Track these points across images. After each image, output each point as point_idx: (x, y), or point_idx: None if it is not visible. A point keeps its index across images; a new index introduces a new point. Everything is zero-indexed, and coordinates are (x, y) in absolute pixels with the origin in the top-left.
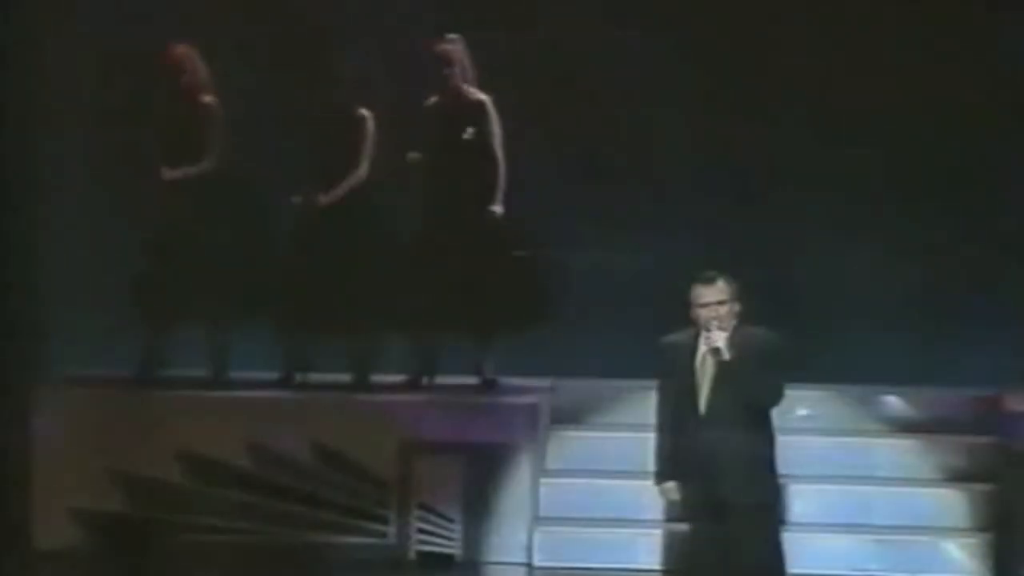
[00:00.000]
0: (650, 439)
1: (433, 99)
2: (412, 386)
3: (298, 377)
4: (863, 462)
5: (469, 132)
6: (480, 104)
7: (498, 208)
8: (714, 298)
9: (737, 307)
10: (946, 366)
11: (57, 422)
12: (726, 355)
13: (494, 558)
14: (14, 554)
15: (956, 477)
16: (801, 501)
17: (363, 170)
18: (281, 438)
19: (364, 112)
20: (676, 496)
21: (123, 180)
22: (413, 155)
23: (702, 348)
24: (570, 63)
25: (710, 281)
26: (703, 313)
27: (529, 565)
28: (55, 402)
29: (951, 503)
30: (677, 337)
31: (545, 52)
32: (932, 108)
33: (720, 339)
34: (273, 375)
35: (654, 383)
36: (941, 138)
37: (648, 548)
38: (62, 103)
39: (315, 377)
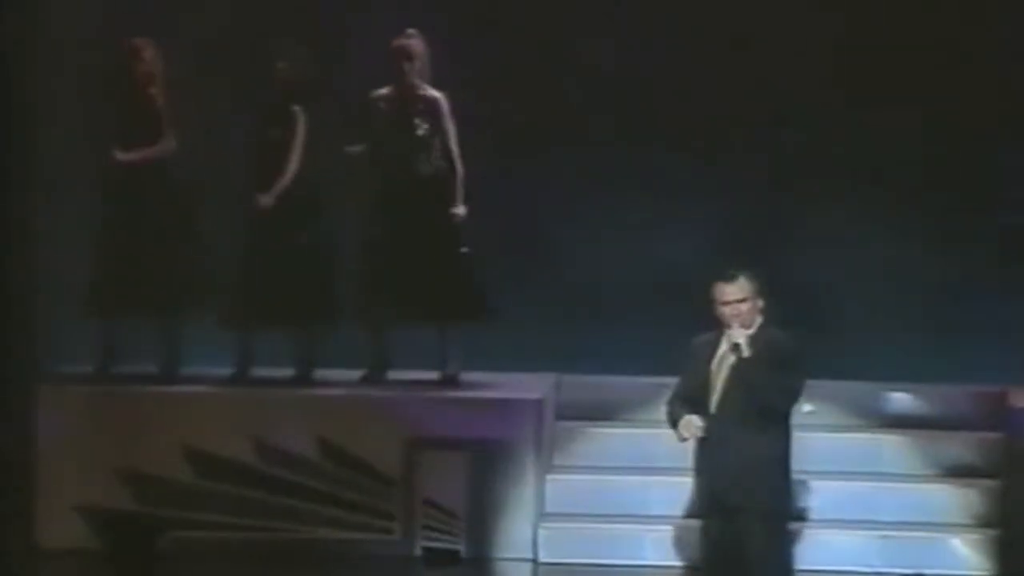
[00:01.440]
0: (655, 435)
1: (383, 91)
2: (370, 380)
3: (297, 373)
4: (869, 458)
5: (422, 128)
6: (434, 100)
7: (460, 210)
8: (735, 296)
9: (760, 304)
10: (953, 362)
11: (62, 420)
12: (746, 352)
13: (500, 554)
14: (19, 552)
15: (962, 473)
16: (807, 497)
17: (294, 165)
18: (287, 435)
19: (296, 108)
20: (696, 428)
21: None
22: (353, 148)
23: (722, 347)
24: (579, 58)
25: (732, 279)
26: (725, 311)
27: (534, 561)
28: (60, 400)
29: (957, 499)
30: (705, 337)
31: (555, 48)
32: (942, 106)
33: (741, 336)
34: (277, 372)
35: (660, 379)
36: (952, 136)
37: (654, 544)
38: (62, 99)
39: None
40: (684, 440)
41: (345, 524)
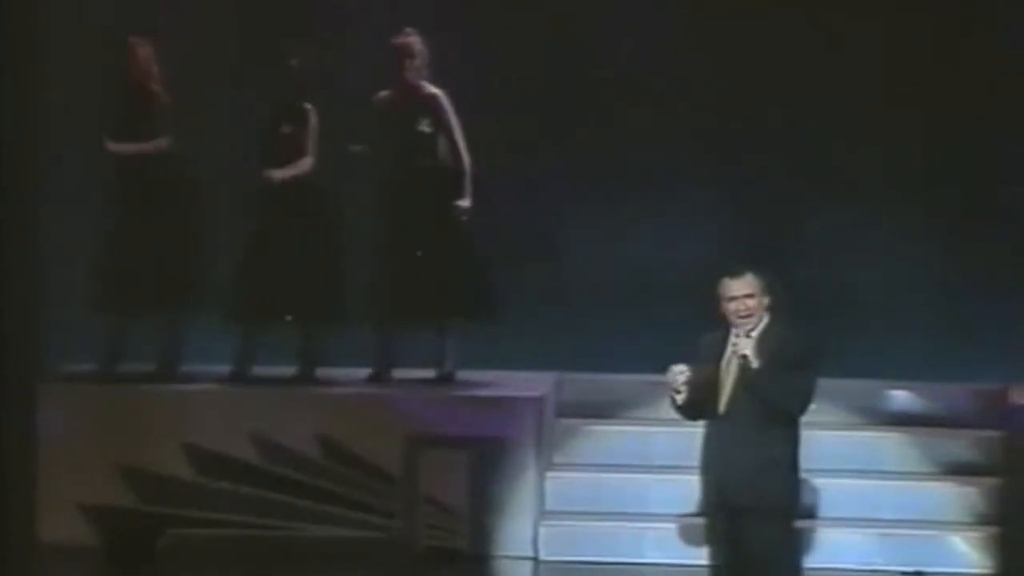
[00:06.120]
0: (656, 433)
1: (385, 92)
2: (376, 380)
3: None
4: (870, 456)
5: (425, 125)
6: (433, 97)
7: (465, 202)
8: (742, 291)
9: (767, 301)
10: (953, 360)
11: (64, 418)
12: (754, 363)
13: (500, 552)
14: (20, 549)
15: (963, 471)
16: (811, 495)
17: (309, 160)
18: (288, 432)
19: (308, 106)
20: (682, 376)
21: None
22: (356, 147)
23: (731, 347)
24: (579, 58)
25: (738, 274)
26: (731, 307)
27: (535, 559)
28: (61, 398)
29: (958, 497)
30: (713, 335)
31: (555, 47)
32: (945, 107)
33: (747, 346)
34: (279, 370)
35: (660, 377)
36: (954, 136)
37: (655, 542)
38: (63, 97)
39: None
40: (680, 396)
41: (346, 522)
